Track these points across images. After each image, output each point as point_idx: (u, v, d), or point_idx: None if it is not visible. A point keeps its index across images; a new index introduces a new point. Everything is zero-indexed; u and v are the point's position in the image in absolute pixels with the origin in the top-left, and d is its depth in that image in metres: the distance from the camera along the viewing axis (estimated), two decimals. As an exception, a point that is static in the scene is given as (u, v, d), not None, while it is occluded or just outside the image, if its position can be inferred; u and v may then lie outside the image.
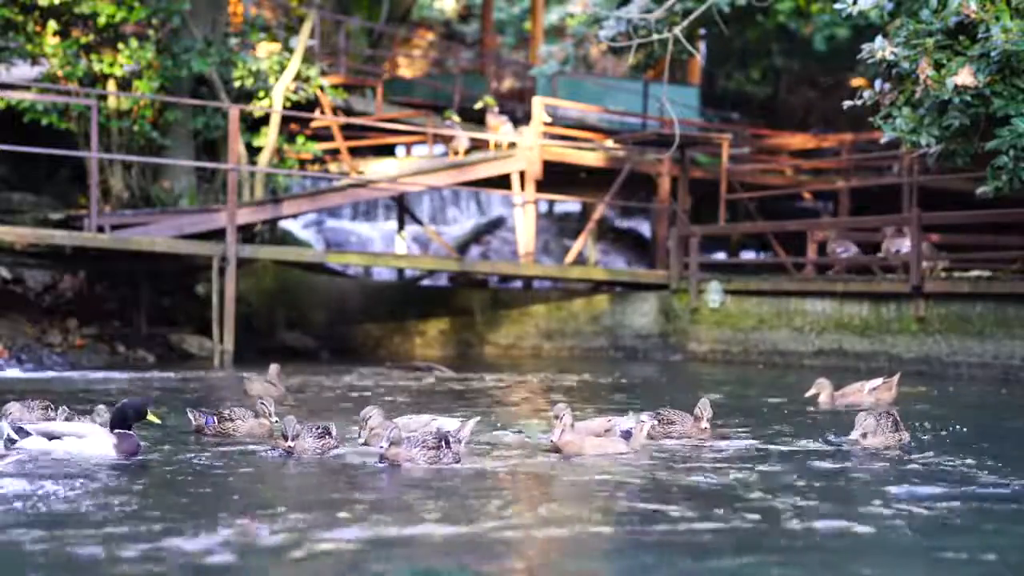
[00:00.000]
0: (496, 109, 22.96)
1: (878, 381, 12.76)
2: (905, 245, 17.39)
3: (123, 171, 19.83)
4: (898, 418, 9.50)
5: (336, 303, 22.28)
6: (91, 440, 8.54)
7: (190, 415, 10.03)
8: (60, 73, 18.98)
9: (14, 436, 8.58)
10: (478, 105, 23.51)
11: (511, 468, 8.50)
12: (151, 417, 8.81)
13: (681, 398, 11.87)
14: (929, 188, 21.98)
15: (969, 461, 8.68)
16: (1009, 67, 10.40)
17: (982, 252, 18.60)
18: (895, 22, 11.57)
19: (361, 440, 9.03)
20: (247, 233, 20.19)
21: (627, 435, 9.13)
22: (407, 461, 8.39)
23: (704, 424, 9.70)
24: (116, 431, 8.58)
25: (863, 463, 8.76)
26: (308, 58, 22.48)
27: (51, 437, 8.56)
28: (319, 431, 8.89)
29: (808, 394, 12.48)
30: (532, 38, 32.40)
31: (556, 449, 8.93)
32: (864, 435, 9.26)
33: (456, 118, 23.67)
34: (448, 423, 9.50)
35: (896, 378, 12.83)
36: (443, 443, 8.46)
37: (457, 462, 8.49)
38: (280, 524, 6.46)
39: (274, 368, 13.39)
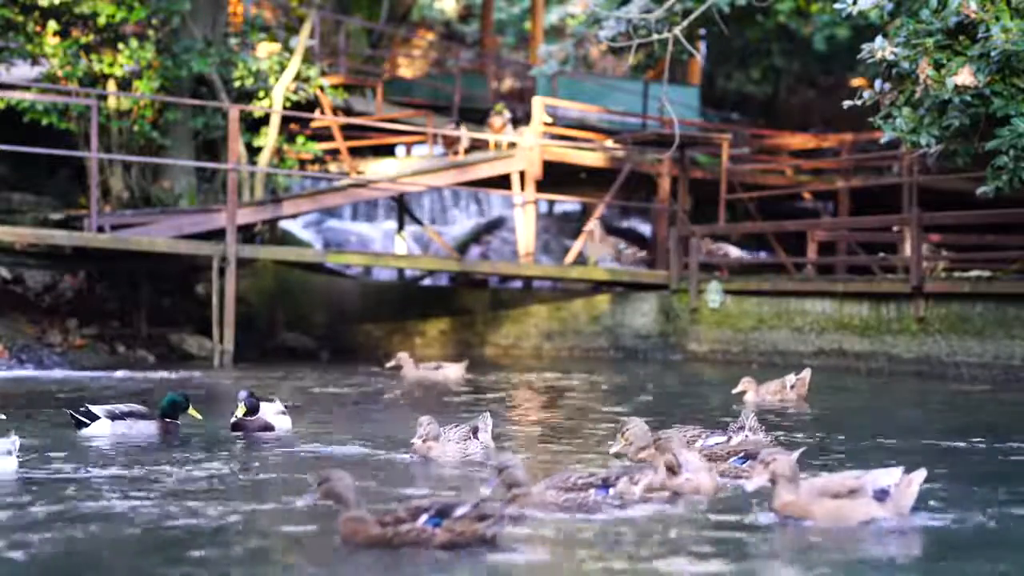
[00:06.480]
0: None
1: (793, 377, 12.90)
2: (733, 251, 19.08)
3: (123, 171, 19.81)
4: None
5: (336, 303, 22.26)
6: None
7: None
8: (60, 73, 18.97)
9: None
10: (491, 119, 23.52)
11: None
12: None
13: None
14: (929, 188, 21.95)
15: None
16: (1009, 67, 10.39)
17: (982, 252, 18.59)
18: (895, 22, 11.55)
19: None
20: (247, 233, 20.18)
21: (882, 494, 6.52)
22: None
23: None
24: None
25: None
26: (308, 58, 22.47)
27: None
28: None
29: (735, 391, 12.69)
30: (532, 38, 32.39)
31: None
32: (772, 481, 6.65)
33: (507, 112, 23.53)
34: (273, 407, 9.73)
35: (806, 373, 12.91)
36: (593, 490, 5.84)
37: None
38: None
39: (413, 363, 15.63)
